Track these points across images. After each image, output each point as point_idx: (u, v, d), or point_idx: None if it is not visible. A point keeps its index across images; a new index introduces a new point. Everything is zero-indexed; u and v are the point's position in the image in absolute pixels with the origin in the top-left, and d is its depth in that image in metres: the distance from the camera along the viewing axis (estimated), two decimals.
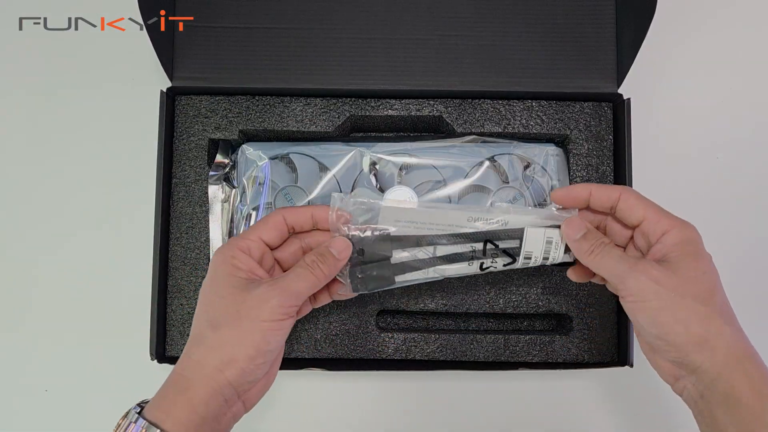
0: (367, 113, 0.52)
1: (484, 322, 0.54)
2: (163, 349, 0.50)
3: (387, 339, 0.51)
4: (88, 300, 0.56)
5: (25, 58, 0.59)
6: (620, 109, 0.50)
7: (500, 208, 0.41)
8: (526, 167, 0.51)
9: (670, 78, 0.58)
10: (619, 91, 0.51)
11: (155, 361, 0.49)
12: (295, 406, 0.55)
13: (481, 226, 0.41)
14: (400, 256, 0.42)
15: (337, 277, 0.41)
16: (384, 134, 0.55)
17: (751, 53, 0.59)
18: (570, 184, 0.51)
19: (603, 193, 0.39)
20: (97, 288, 0.56)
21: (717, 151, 0.58)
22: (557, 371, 0.52)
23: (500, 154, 0.51)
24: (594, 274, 0.41)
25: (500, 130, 0.52)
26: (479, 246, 0.41)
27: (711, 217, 0.57)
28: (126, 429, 0.35)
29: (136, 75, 0.58)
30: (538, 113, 0.52)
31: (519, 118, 0.52)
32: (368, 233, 0.41)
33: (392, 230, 0.41)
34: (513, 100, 0.52)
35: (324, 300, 0.44)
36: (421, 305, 0.51)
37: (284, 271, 0.40)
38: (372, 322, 0.51)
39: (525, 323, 0.54)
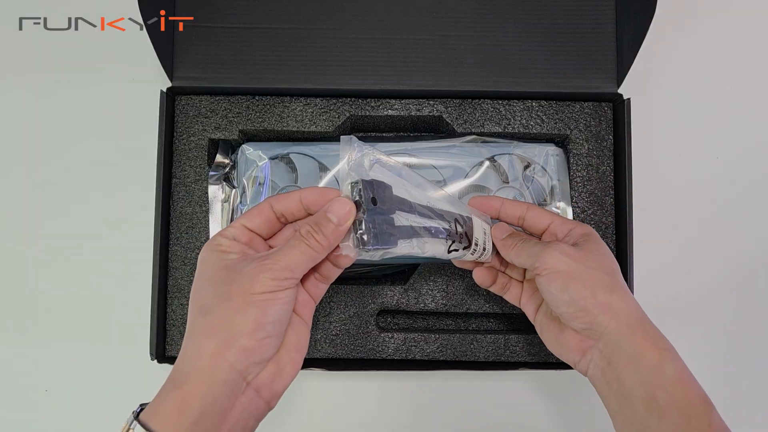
0: (367, 113, 0.52)
1: (484, 322, 0.54)
2: (163, 349, 0.50)
3: (387, 339, 0.51)
4: (88, 300, 0.56)
5: (25, 58, 0.59)
6: (620, 109, 0.50)
7: (448, 197, 0.43)
8: (526, 167, 0.52)
9: (670, 78, 0.58)
10: (619, 91, 0.51)
11: (155, 361, 0.49)
12: (295, 406, 0.55)
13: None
14: (400, 219, 0.37)
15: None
16: (384, 134, 0.55)
17: (751, 53, 0.59)
18: (570, 184, 0.51)
19: (512, 206, 0.44)
20: (97, 288, 0.56)
21: (717, 151, 0.58)
22: (557, 371, 0.52)
23: (500, 154, 0.51)
24: (495, 279, 0.46)
25: (500, 130, 0.52)
26: (451, 225, 0.41)
27: (711, 217, 0.57)
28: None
29: (136, 75, 0.58)
30: (538, 113, 0.52)
31: (519, 118, 0.52)
32: (378, 185, 0.36)
33: (394, 191, 0.38)
34: (513, 100, 0.52)
35: (330, 272, 0.39)
36: (421, 305, 0.51)
37: None
38: (372, 322, 0.51)
39: (525, 323, 0.54)
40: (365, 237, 0.35)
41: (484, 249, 0.44)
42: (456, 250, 0.42)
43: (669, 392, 0.35)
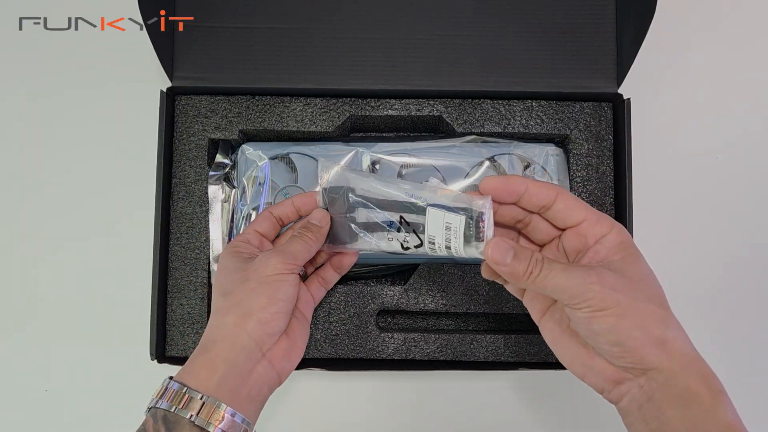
0: (367, 113, 0.52)
1: (484, 322, 0.54)
2: (163, 349, 0.50)
3: (387, 339, 0.51)
4: (88, 300, 0.56)
5: (25, 58, 0.59)
6: (620, 109, 0.50)
7: (432, 186, 0.39)
8: (526, 167, 0.51)
9: (670, 78, 0.58)
10: (619, 91, 0.51)
11: (155, 361, 0.49)
12: (295, 406, 0.55)
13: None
14: (361, 216, 0.42)
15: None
16: (384, 134, 0.55)
17: (751, 53, 0.59)
18: (570, 184, 0.51)
19: (540, 191, 0.37)
20: (97, 288, 0.56)
21: (717, 151, 0.58)
22: (557, 371, 0.52)
23: (500, 154, 0.51)
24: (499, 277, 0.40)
25: (500, 130, 0.52)
26: (395, 218, 0.39)
27: (710, 217, 0.57)
28: (162, 394, 0.37)
29: (136, 75, 0.58)
30: (538, 113, 0.52)
31: (519, 118, 0.52)
32: (331, 191, 0.43)
33: (356, 191, 0.42)
34: (513, 100, 0.52)
35: (331, 277, 0.48)
36: (421, 305, 0.51)
37: None
38: (372, 322, 0.51)
39: (525, 323, 0.54)
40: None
41: (448, 248, 0.37)
42: (411, 248, 0.39)
43: None
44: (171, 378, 0.38)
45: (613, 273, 0.34)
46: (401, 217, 0.39)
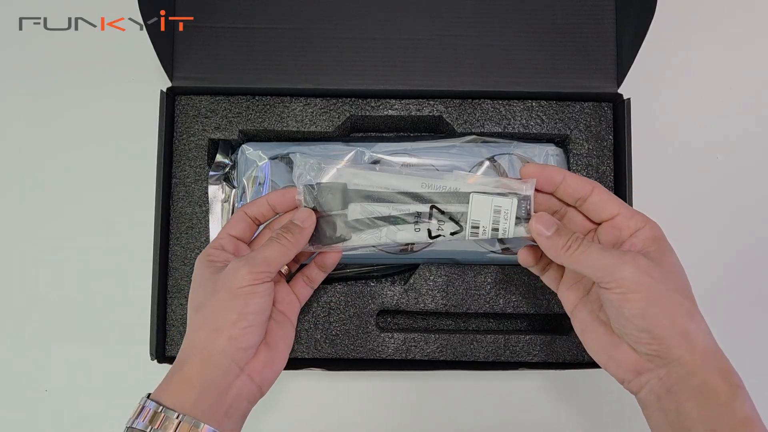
0: (367, 113, 0.52)
1: (484, 322, 0.54)
2: (163, 349, 0.50)
3: (387, 339, 0.51)
4: (88, 300, 0.56)
5: (25, 58, 0.59)
6: (620, 109, 0.50)
7: (455, 175, 0.41)
8: None
9: (670, 78, 0.58)
10: (619, 91, 0.51)
11: (155, 361, 0.49)
12: (295, 406, 0.55)
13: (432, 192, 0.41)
14: (358, 214, 0.42)
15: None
16: (384, 134, 0.55)
17: (751, 53, 0.59)
18: None
19: (577, 183, 0.38)
20: (97, 288, 0.56)
21: (717, 151, 0.58)
22: (557, 371, 0.52)
23: (500, 154, 0.51)
24: (542, 264, 0.41)
25: (500, 130, 0.52)
26: (425, 209, 0.40)
27: (711, 217, 0.57)
28: (139, 413, 0.36)
29: (136, 75, 0.58)
30: (538, 113, 0.52)
31: (519, 118, 0.52)
32: (322, 188, 0.42)
33: (348, 186, 0.41)
34: (513, 100, 0.52)
35: (317, 276, 0.45)
36: (421, 305, 0.51)
37: None
38: (372, 322, 0.51)
39: (525, 323, 0.54)
40: (311, 239, 0.42)
41: (495, 230, 0.39)
42: (441, 235, 0.41)
43: None
44: (148, 396, 0.37)
45: (646, 259, 0.35)
46: (433, 206, 0.40)
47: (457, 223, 0.40)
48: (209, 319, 0.38)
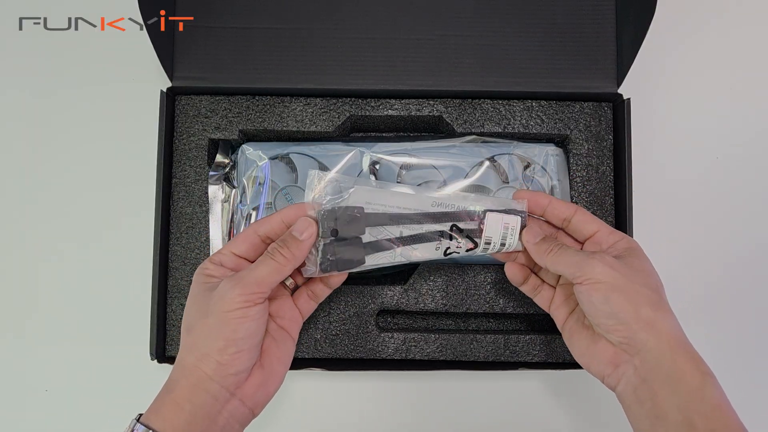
0: (367, 113, 0.52)
1: (484, 322, 0.54)
2: (163, 349, 0.50)
3: (387, 339, 0.51)
4: (89, 300, 0.56)
5: (25, 58, 0.59)
6: (620, 109, 0.50)
7: (461, 196, 0.43)
8: (526, 167, 0.52)
9: (670, 78, 0.58)
10: (619, 91, 0.51)
11: (155, 361, 0.49)
12: (295, 406, 0.55)
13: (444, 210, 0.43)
14: (370, 235, 0.42)
15: (306, 261, 0.41)
16: (384, 134, 0.55)
17: (751, 53, 0.59)
18: (570, 184, 0.51)
19: (561, 205, 0.43)
20: (97, 288, 0.56)
21: (716, 152, 0.58)
22: (557, 371, 0.52)
23: (500, 154, 0.51)
24: (527, 278, 0.45)
25: (500, 130, 0.52)
26: (446, 227, 0.43)
27: (710, 217, 0.57)
28: None
29: (136, 75, 0.58)
30: (538, 113, 0.52)
31: (519, 118, 0.52)
32: (342, 212, 0.41)
33: (365, 209, 0.42)
34: (513, 100, 0.52)
35: (322, 292, 0.44)
36: (421, 305, 0.51)
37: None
38: (372, 322, 0.51)
39: (525, 323, 0.54)
40: (323, 264, 0.41)
41: (503, 244, 0.43)
42: (456, 252, 0.43)
43: (708, 419, 0.34)
44: (138, 418, 0.36)
45: (614, 259, 0.39)
46: (454, 225, 0.43)
47: (472, 240, 0.43)
48: (198, 343, 0.37)
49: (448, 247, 0.43)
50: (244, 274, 0.38)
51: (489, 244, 0.43)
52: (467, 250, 0.43)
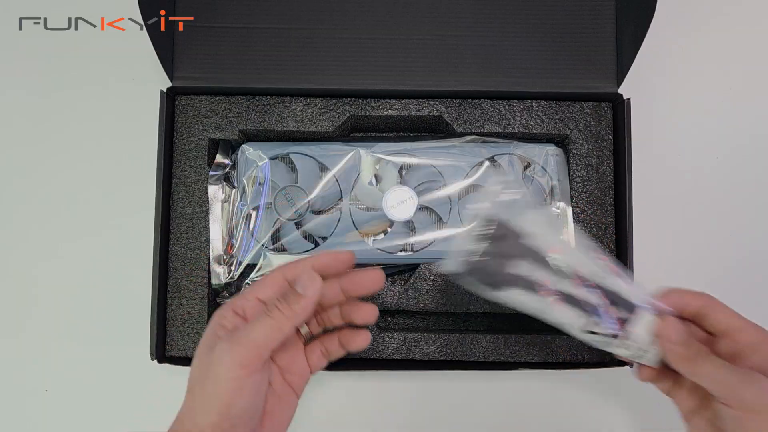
0: (367, 113, 0.52)
1: (484, 322, 0.54)
2: (163, 349, 0.50)
3: (387, 339, 0.51)
4: (89, 300, 0.56)
5: (25, 58, 0.59)
6: (620, 109, 0.50)
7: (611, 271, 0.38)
8: (526, 167, 0.52)
9: (670, 78, 0.58)
10: (619, 91, 0.51)
11: (155, 361, 0.49)
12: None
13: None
14: (525, 269, 0.38)
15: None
16: (384, 134, 0.55)
17: (751, 53, 0.59)
18: (570, 184, 0.51)
19: (721, 311, 0.38)
20: (97, 288, 0.56)
21: (716, 152, 0.58)
22: (557, 371, 0.52)
23: (500, 154, 0.51)
24: (659, 379, 0.39)
25: (500, 130, 0.52)
26: (607, 305, 0.37)
27: (711, 217, 0.57)
28: None
29: (136, 75, 0.58)
30: (538, 113, 0.52)
31: (519, 118, 0.52)
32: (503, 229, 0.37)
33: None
34: (513, 100, 0.52)
35: (336, 352, 0.40)
36: (421, 305, 0.51)
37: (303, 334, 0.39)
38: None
39: (524, 323, 0.54)
40: (471, 267, 0.38)
41: (644, 351, 0.37)
42: (595, 333, 0.38)
43: None
44: None
45: None
46: (613, 302, 0.37)
47: (620, 328, 0.37)
48: (194, 412, 0.34)
49: (594, 326, 0.37)
50: (240, 334, 0.34)
51: (632, 341, 0.37)
52: (611, 336, 0.37)
